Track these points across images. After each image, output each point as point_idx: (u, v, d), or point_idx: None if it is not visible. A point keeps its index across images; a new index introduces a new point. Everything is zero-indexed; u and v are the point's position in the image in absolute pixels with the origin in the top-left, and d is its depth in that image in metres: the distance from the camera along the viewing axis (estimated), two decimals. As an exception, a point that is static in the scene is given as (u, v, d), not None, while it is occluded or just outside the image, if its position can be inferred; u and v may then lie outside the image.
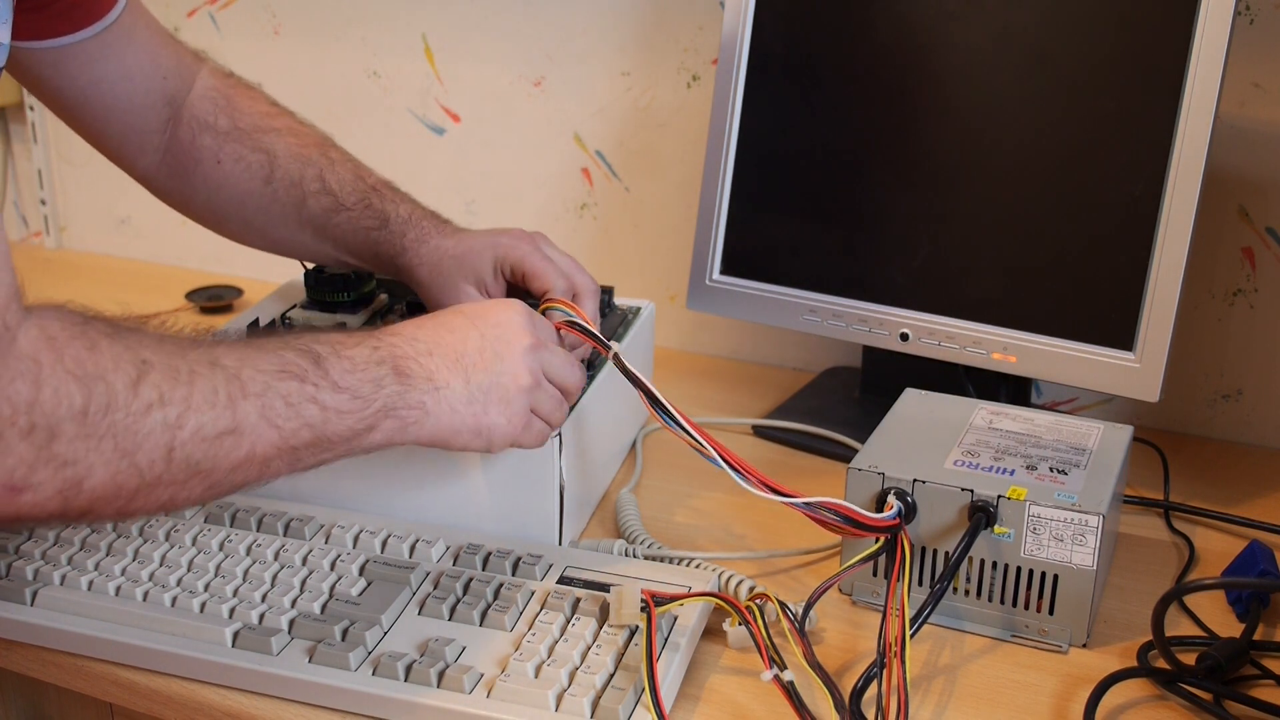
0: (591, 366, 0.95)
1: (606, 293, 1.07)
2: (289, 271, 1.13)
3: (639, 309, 1.08)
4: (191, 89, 0.99)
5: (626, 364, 0.84)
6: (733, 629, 0.79)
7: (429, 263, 0.96)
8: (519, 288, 0.94)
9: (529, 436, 0.81)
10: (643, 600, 0.76)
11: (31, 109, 1.58)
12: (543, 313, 0.89)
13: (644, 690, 0.70)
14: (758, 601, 0.78)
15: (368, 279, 1.07)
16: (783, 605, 0.76)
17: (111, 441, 0.61)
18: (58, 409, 0.59)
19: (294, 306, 1.07)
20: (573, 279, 0.94)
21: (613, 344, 0.86)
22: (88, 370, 0.61)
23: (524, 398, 0.80)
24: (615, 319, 1.06)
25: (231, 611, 0.79)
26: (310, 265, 1.08)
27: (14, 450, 0.58)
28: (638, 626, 0.75)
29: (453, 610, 0.79)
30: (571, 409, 0.88)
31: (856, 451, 0.86)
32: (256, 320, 1.04)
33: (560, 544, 0.89)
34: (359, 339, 0.75)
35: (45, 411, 0.59)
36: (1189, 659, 0.77)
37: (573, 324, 0.88)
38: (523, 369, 0.80)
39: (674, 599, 0.77)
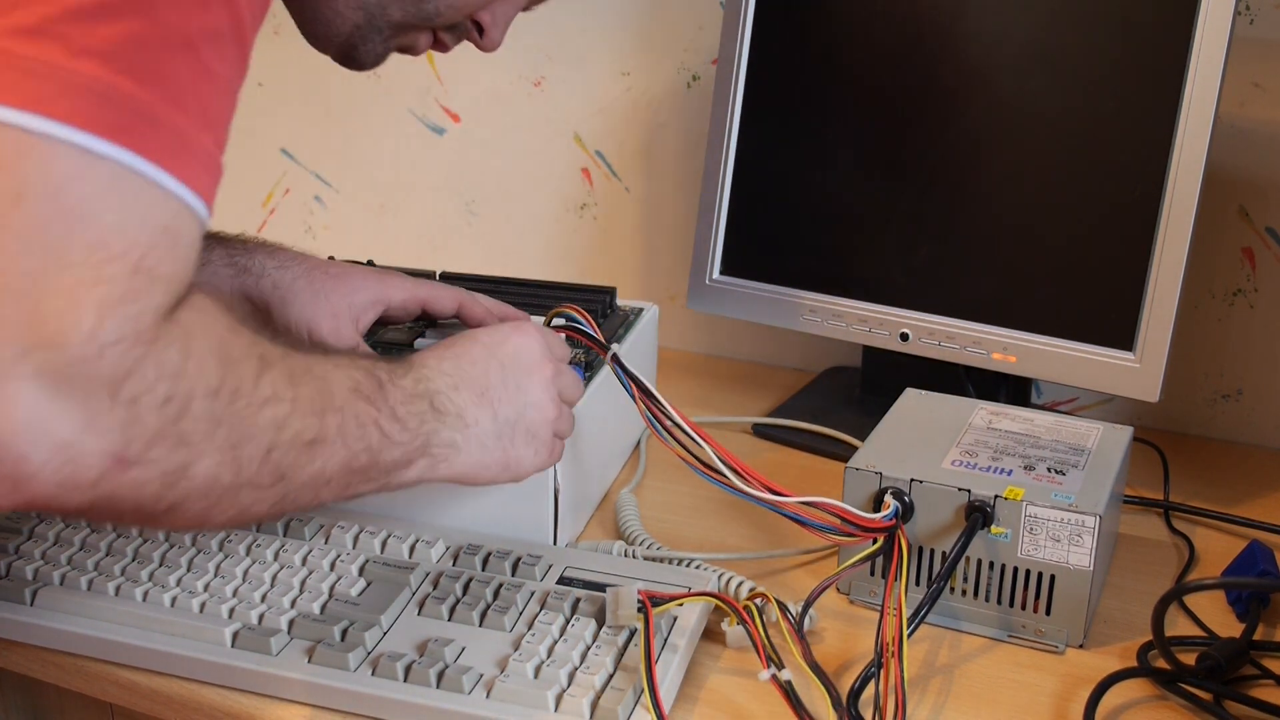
0: (590, 368, 0.96)
1: (608, 294, 1.07)
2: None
3: (641, 310, 1.08)
4: None
5: (625, 365, 0.84)
6: (731, 629, 0.79)
7: (289, 282, 0.89)
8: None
9: (551, 458, 0.81)
10: (639, 601, 0.76)
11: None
12: (549, 320, 0.90)
13: (643, 691, 0.71)
14: (756, 601, 0.78)
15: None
16: (781, 605, 0.76)
17: (227, 429, 0.59)
18: (196, 385, 0.57)
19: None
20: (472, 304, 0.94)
21: (612, 345, 0.86)
22: (228, 353, 0.59)
23: (548, 427, 0.79)
24: (616, 320, 1.05)
25: (231, 611, 0.79)
26: None
27: (142, 420, 0.55)
28: (636, 628, 0.76)
29: (452, 611, 0.79)
30: None
31: (857, 451, 0.86)
32: (256, 320, 1.04)
33: (556, 545, 0.89)
34: (404, 368, 0.73)
35: (186, 385, 0.56)
36: (1189, 659, 0.77)
37: (574, 329, 0.88)
38: (546, 399, 0.79)
39: (671, 599, 0.77)
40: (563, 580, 0.82)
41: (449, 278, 1.11)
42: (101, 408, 0.53)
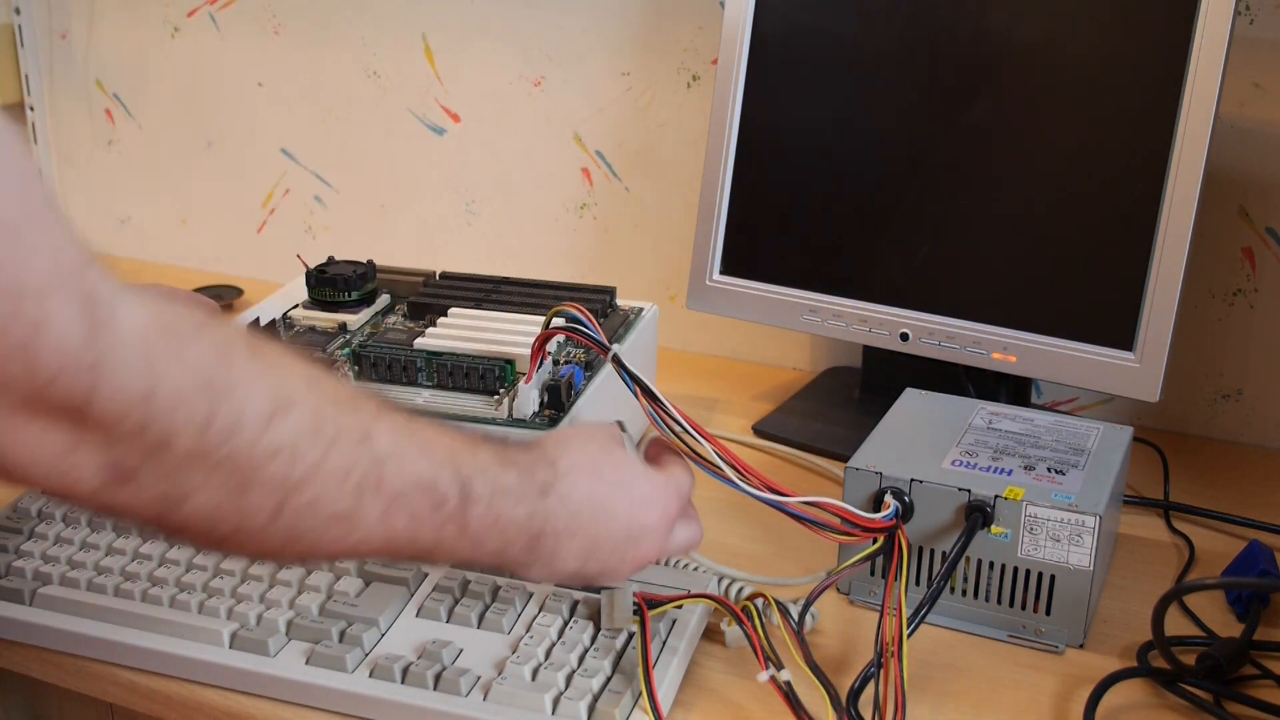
0: (590, 368, 0.95)
1: (608, 294, 1.07)
2: (290, 272, 1.13)
3: (641, 310, 1.08)
4: None
5: (626, 365, 0.84)
6: (731, 629, 0.79)
7: None
8: None
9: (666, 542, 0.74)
10: (635, 603, 0.75)
11: (31, 109, 1.58)
12: (550, 320, 0.89)
13: (641, 694, 0.70)
14: (756, 602, 0.78)
15: (369, 278, 1.07)
16: (781, 606, 0.76)
17: (225, 473, 0.53)
18: (175, 414, 0.51)
19: (295, 306, 1.07)
20: None
21: (613, 346, 0.86)
22: (215, 380, 0.52)
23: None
24: (616, 320, 1.05)
25: (229, 612, 0.79)
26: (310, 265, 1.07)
27: (126, 442, 0.50)
28: (632, 630, 0.75)
29: (450, 612, 0.79)
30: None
31: (857, 451, 0.86)
32: (257, 319, 1.04)
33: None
34: (523, 490, 0.66)
35: (162, 411, 0.50)
36: (1189, 659, 0.77)
37: (575, 329, 0.88)
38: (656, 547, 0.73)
39: (667, 601, 0.77)
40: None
41: (449, 277, 1.12)
42: (82, 432, 0.50)
